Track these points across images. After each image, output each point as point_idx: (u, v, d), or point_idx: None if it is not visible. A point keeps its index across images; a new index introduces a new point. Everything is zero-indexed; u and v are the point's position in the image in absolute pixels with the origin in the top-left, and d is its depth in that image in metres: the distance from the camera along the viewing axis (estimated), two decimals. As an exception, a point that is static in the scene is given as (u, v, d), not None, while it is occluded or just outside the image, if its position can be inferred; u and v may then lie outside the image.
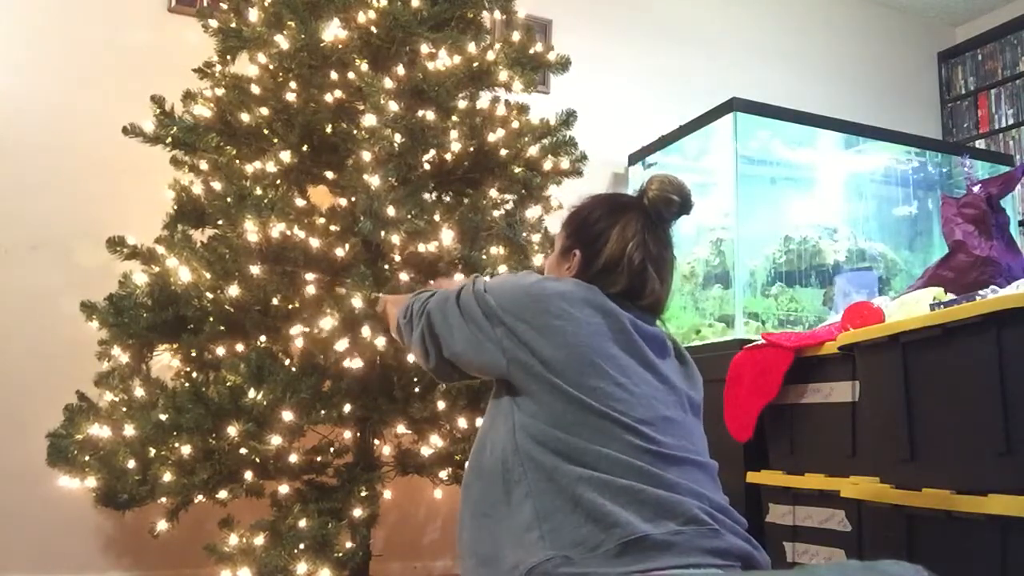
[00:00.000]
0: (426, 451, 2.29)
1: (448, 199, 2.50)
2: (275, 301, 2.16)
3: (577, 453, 1.11)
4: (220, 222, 2.28)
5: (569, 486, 1.08)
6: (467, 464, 1.27)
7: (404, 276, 2.20)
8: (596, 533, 1.04)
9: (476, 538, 1.17)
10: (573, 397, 1.14)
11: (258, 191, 2.19)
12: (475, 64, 2.39)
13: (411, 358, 2.12)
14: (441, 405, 2.20)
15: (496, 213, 2.42)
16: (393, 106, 2.23)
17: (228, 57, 2.46)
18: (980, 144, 4.38)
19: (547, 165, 2.52)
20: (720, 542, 1.07)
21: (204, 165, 2.39)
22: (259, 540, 2.01)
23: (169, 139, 2.34)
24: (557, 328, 1.18)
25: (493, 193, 2.45)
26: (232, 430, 2.01)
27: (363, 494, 2.14)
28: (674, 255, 1.37)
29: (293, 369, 2.13)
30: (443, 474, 2.34)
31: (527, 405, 1.17)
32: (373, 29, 2.35)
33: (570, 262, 1.35)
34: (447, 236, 2.21)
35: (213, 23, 2.44)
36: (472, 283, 1.31)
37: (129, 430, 2.08)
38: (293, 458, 2.11)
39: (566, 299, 1.21)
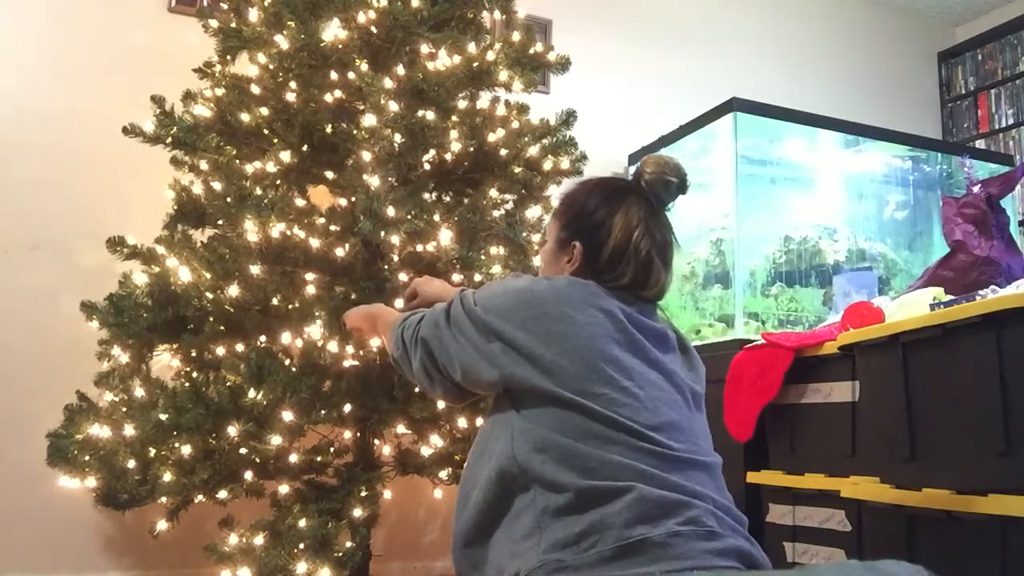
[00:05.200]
0: (426, 451, 2.29)
1: (448, 199, 2.50)
2: (275, 301, 2.16)
3: (580, 459, 1.08)
4: (220, 222, 2.28)
5: (569, 493, 1.07)
6: (464, 472, 1.24)
7: (403, 276, 2.20)
8: (592, 536, 1.03)
9: (478, 551, 1.15)
10: (576, 404, 1.11)
11: (258, 191, 2.19)
12: (475, 64, 2.39)
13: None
14: (441, 405, 2.19)
15: (496, 213, 2.42)
16: (393, 106, 2.23)
17: (228, 57, 2.46)
18: (980, 144, 4.38)
19: (547, 165, 2.52)
20: (719, 543, 1.06)
21: (204, 165, 2.39)
22: (259, 540, 2.01)
23: (169, 139, 2.34)
24: (558, 334, 1.15)
25: (493, 193, 2.45)
26: (232, 430, 2.01)
27: (363, 494, 2.14)
28: (676, 238, 1.33)
29: (293, 369, 2.13)
30: (443, 474, 2.34)
31: (528, 412, 1.14)
32: (373, 29, 2.35)
33: (570, 255, 1.30)
34: (445, 236, 2.21)
35: (213, 23, 2.43)
36: (459, 299, 1.26)
37: (129, 430, 2.08)
38: (293, 458, 2.11)
39: (565, 301, 1.17)
